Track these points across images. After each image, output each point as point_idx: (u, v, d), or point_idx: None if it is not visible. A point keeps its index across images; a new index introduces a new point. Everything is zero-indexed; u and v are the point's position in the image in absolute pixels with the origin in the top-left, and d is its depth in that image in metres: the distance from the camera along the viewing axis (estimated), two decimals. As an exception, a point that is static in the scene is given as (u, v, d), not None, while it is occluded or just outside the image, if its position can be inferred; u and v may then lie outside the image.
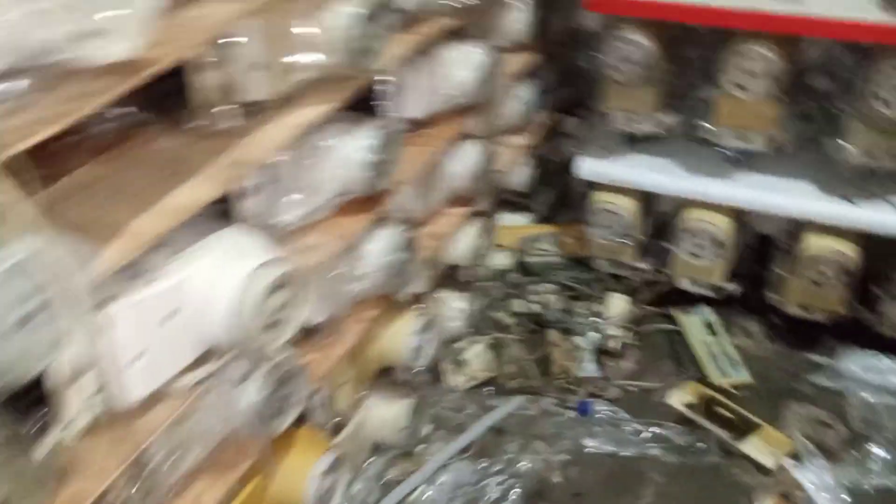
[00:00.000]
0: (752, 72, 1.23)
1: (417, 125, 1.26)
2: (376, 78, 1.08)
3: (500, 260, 1.60)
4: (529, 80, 1.56)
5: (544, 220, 1.75)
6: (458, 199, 1.42)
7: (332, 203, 1.04)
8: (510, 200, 1.71)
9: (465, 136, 1.37)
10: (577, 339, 1.45)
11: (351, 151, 1.03)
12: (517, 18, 1.46)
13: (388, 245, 1.12)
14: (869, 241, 1.37)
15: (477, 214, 1.50)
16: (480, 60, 1.28)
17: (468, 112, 1.33)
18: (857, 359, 1.39)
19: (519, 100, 1.54)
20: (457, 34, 1.28)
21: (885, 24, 1.12)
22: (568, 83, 1.74)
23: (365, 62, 0.98)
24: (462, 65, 1.27)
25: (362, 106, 1.10)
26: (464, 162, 1.36)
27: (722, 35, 1.28)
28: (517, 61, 1.50)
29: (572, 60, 1.68)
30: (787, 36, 1.21)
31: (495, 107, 1.44)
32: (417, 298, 1.35)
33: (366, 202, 1.09)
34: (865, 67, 1.22)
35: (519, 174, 1.65)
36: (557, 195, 1.81)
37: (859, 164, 1.31)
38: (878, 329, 1.42)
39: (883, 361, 1.38)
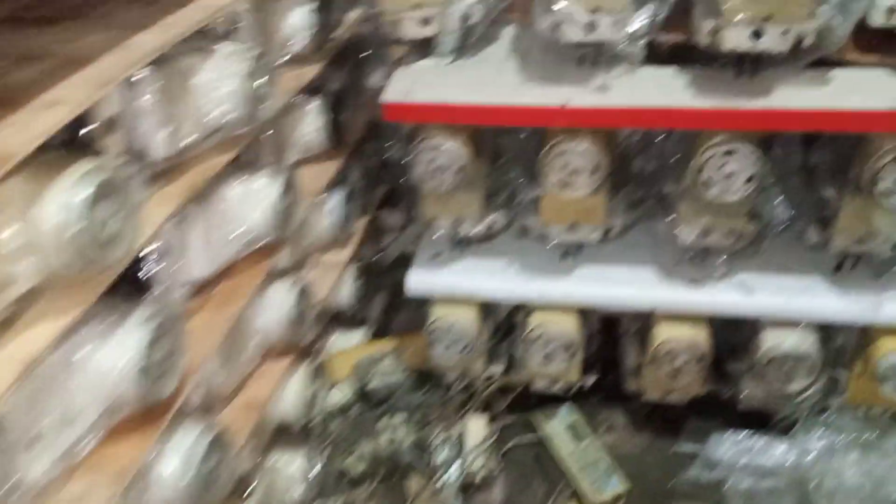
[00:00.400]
0: (573, 170, 1.12)
1: (208, 285, 1.03)
2: (138, 254, 0.85)
3: (339, 395, 1.40)
4: (337, 188, 1.37)
5: (381, 331, 1.57)
6: (277, 349, 1.20)
7: (96, 432, 0.80)
8: (340, 318, 1.52)
9: (272, 277, 1.16)
10: (439, 479, 1.27)
11: (113, 361, 0.79)
12: (311, 125, 1.28)
13: (188, 456, 0.89)
14: (718, 319, 1.31)
15: (303, 355, 1.29)
16: (273, 190, 1.08)
17: (270, 249, 1.13)
18: (727, 443, 1.32)
19: (328, 213, 1.35)
20: (240, 165, 1.07)
21: (700, 109, 1.05)
22: (381, 179, 1.58)
23: (109, 252, 0.75)
24: (252, 200, 1.06)
25: (130, 283, 0.87)
26: (275, 307, 1.14)
27: (539, 131, 1.17)
28: (319, 172, 1.31)
29: (381, 155, 1.53)
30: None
31: (302, 234, 1.24)
32: (241, 484, 1.11)
33: (147, 414, 0.85)
34: (687, 149, 1.16)
35: (344, 291, 1.45)
36: (390, 299, 1.65)
37: (693, 245, 1.24)
38: (738, 405, 1.37)
39: (753, 440, 1.32)
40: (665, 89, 1.08)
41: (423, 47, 1.17)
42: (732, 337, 1.35)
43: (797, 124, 1.05)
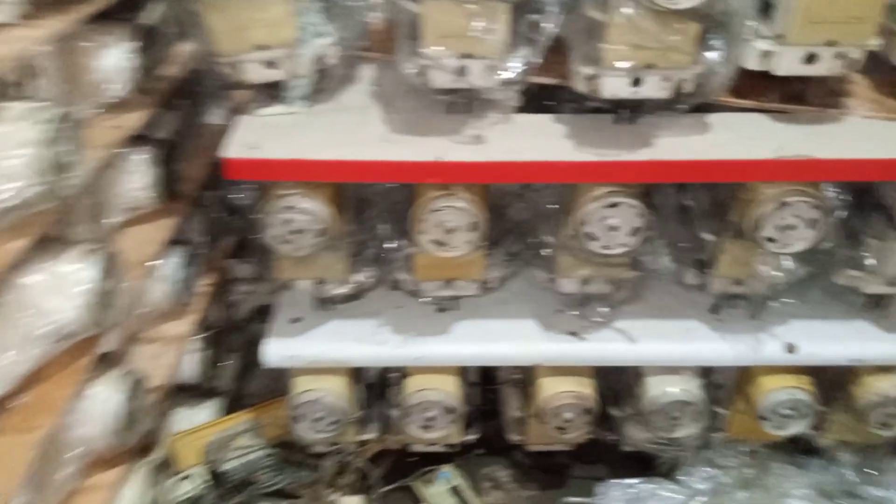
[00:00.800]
0: (450, 228, 1.01)
1: (8, 399, 0.82)
2: None
3: (188, 486, 1.21)
4: (174, 248, 1.18)
5: (235, 401, 1.38)
6: (107, 455, 1.00)
7: None
8: (185, 390, 1.32)
9: (95, 373, 0.96)
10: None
11: None
12: (139, 180, 1.08)
13: None
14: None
15: (140, 453, 1.09)
16: (88, 272, 0.88)
17: (90, 341, 0.93)
18: (615, 490, 1.27)
19: (165, 280, 1.15)
20: (43, 246, 0.86)
21: (582, 162, 0.96)
22: (228, 228, 1.39)
23: None
24: (60, 288, 0.86)
25: None
26: (100, 410, 0.95)
27: (410, 188, 1.05)
28: (151, 233, 1.11)
29: (227, 202, 1.34)
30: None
31: (131, 312, 1.04)
32: None
33: None
34: (565, 196, 1.08)
35: (189, 363, 1.26)
36: (244, 361, 1.46)
37: (574, 294, 1.17)
38: (621, 448, 1.33)
39: (639, 487, 1.28)
40: (544, 139, 0.99)
41: (271, 92, 1.00)
42: (614, 382, 1.30)
43: (682, 175, 1.00)
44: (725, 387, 1.31)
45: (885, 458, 1.36)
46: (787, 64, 0.97)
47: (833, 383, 1.28)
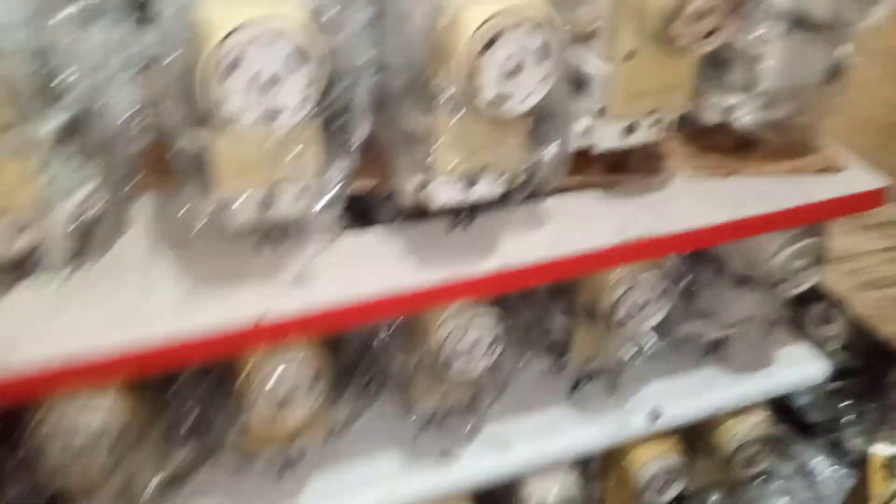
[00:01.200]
0: (288, 390, 0.83)
1: None
2: None
3: None
4: None
5: None
6: None
7: None
8: None
9: None
10: None
11: None
12: None
13: None
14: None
15: None
16: None
17: None
18: None
19: None
20: None
21: (429, 290, 0.83)
22: None
23: None
24: None
25: None
26: None
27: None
28: None
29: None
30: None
31: None
32: None
33: None
34: (418, 321, 0.95)
35: None
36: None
37: (432, 413, 1.04)
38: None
39: None
40: (378, 264, 0.85)
41: (19, 266, 0.76)
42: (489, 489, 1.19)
43: (536, 279, 0.91)
44: (594, 461, 1.25)
45: (747, 489, 1.38)
46: (609, 138, 0.92)
47: (693, 433, 1.27)
